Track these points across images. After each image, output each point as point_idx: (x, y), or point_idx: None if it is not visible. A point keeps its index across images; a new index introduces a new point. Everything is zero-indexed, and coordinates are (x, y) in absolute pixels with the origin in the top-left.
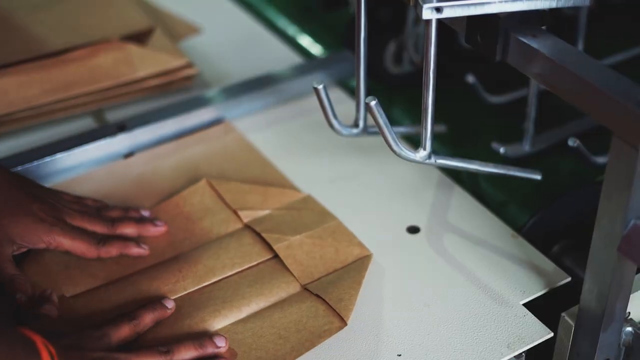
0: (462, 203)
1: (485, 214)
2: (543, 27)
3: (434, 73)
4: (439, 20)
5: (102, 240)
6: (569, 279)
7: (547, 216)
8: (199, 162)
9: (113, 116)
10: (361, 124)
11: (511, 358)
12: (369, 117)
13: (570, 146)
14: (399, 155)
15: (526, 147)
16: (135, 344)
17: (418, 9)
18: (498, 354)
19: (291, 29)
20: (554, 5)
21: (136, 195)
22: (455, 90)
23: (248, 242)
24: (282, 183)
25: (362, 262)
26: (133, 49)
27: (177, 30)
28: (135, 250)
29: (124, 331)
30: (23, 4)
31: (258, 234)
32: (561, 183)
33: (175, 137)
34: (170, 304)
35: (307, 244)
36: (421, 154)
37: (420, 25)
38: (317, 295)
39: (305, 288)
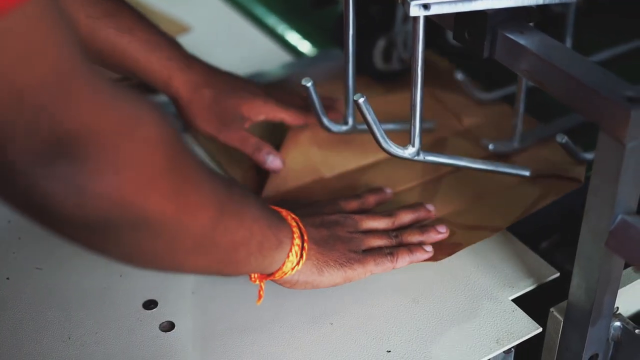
0: None
1: None
2: (531, 24)
3: (422, 70)
4: (426, 17)
5: (303, 108)
6: (558, 274)
7: (536, 212)
8: None
9: None
10: (350, 121)
11: (500, 353)
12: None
13: (559, 142)
14: (387, 152)
15: (515, 143)
16: None
17: (406, 6)
18: (487, 349)
19: (280, 27)
20: (541, 2)
21: None
22: None
23: None
24: None
25: None
26: None
27: (166, 29)
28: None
29: (353, 204)
30: None
31: None
32: None
33: None
34: (388, 190)
35: None
36: (410, 151)
37: (409, 22)
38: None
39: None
